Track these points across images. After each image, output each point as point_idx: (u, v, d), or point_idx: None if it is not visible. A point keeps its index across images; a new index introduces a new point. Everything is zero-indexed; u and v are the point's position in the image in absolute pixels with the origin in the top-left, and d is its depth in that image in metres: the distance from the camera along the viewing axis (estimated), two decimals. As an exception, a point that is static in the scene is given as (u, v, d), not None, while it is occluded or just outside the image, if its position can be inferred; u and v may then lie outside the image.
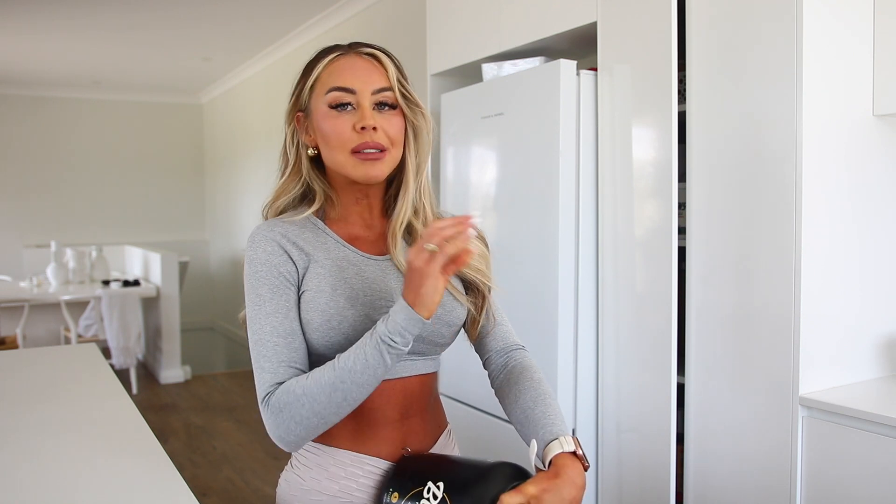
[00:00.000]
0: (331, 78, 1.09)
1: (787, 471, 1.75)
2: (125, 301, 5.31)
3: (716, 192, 1.91)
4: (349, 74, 1.08)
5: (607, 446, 2.23)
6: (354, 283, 1.09)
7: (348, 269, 1.10)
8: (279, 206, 1.16)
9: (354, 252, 1.13)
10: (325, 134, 1.09)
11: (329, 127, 1.08)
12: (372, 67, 1.10)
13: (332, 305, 1.06)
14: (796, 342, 1.72)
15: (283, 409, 1.00)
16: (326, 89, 1.09)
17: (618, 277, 2.17)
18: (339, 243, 1.13)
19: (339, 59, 1.10)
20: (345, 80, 1.08)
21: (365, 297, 1.08)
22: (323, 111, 1.09)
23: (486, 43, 2.67)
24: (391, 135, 1.09)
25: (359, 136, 1.07)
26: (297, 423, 0.99)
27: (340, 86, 1.08)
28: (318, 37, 5.33)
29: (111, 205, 8.03)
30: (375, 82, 1.09)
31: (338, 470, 1.09)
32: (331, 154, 1.10)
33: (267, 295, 1.06)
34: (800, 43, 1.69)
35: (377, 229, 1.18)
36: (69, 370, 2.24)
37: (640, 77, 2.07)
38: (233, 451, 4.07)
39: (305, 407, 0.99)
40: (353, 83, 1.08)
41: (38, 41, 5.68)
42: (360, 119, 1.07)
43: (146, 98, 8.18)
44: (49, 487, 1.31)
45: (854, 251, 1.83)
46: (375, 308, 1.08)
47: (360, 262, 1.12)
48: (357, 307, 1.07)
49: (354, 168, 1.08)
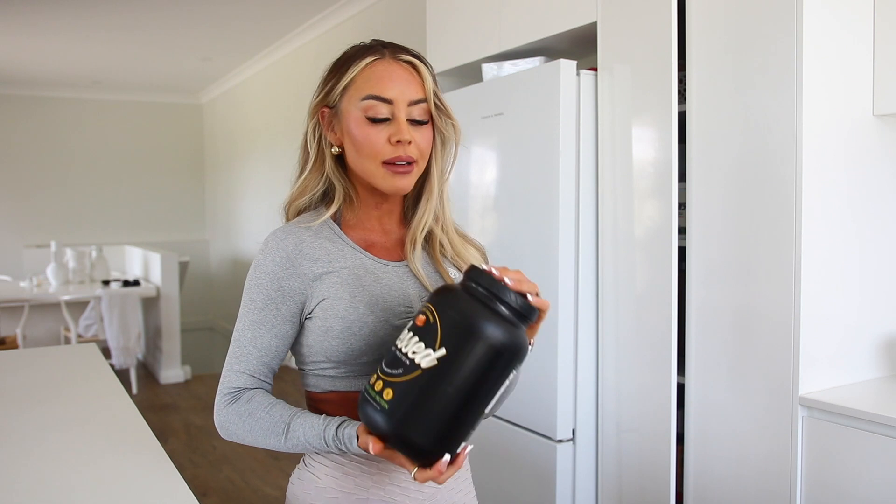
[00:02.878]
0: (367, 84, 1.07)
1: (787, 471, 1.75)
2: (125, 301, 5.31)
3: (716, 192, 1.91)
4: (388, 83, 1.06)
5: (607, 446, 2.23)
6: (373, 290, 1.09)
7: (366, 277, 1.10)
8: (300, 205, 1.16)
9: (371, 259, 1.13)
10: (356, 141, 1.08)
11: (363, 135, 1.07)
12: (410, 76, 1.08)
13: (352, 312, 1.06)
14: (796, 342, 1.72)
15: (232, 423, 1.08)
16: (362, 95, 1.07)
17: (618, 277, 2.17)
18: (355, 250, 1.13)
19: (378, 65, 1.08)
20: (383, 90, 1.06)
21: (385, 303, 1.09)
22: (356, 116, 1.07)
23: (486, 43, 2.67)
24: (422, 147, 1.09)
25: (392, 148, 1.06)
26: (239, 439, 1.09)
27: (378, 95, 1.06)
28: (318, 37, 5.33)
29: (111, 205, 8.03)
30: (413, 93, 1.07)
31: (353, 467, 1.09)
32: (360, 161, 1.09)
33: (259, 304, 1.08)
34: (800, 43, 1.69)
35: (394, 235, 1.17)
36: (69, 370, 2.24)
37: (640, 77, 2.07)
38: (233, 451, 4.07)
39: (248, 439, 1.08)
40: (391, 93, 1.06)
41: (38, 41, 5.68)
42: (397, 132, 1.06)
43: (146, 98, 8.18)
44: (49, 487, 1.31)
45: (854, 251, 1.83)
46: (395, 314, 1.09)
47: (378, 269, 1.12)
48: (377, 313, 1.07)
49: (383, 179, 1.08)
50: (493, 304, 0.90)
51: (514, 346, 0.89)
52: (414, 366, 0.89)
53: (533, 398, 2.29)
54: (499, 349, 0.88)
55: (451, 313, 0.89)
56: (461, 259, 1.19)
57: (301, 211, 1.17)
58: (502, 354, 0.88)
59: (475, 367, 0.87)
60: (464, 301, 0.90)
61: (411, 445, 0.90)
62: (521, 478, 2.37)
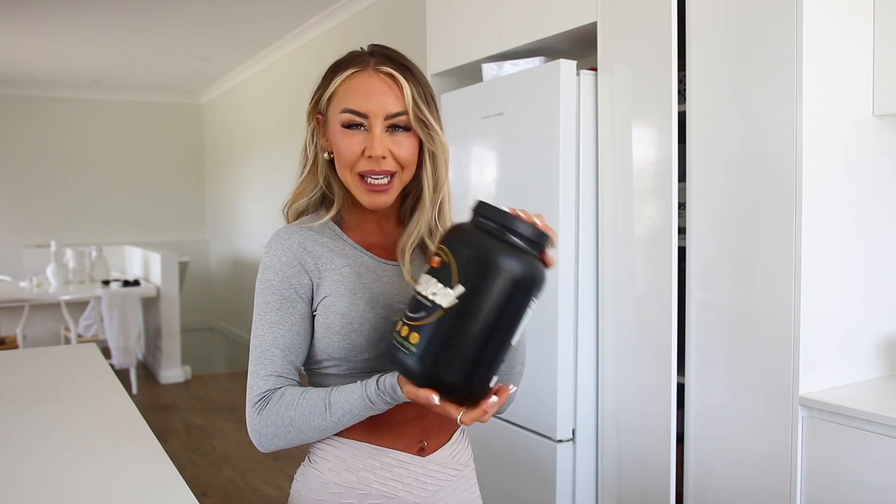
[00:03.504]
0: (347, 96, 1.07)
1: (787, 471, 1.75)
2: (125, 301, 5.31)
3: (716, 192, 1.91)
4: (363, 97, 1.06)
5: (607, 446, 2.23)
6: (373, 288, 1.10)
7: (367, 275, 1.11)
8: (299, 208, 1.17)
9: (371, 258, 1.14)
10: (336, 150, 1.10)
11: (341, 144, 1.08)
12: (388, 89, 1.07)
13: (353, 308, 1.07)
14: (796, 342, 1.72)
15: (269, 426, 1.06)
16: (341, 107, 1.08)
17: (618, 277, 2.17)
18: (356, 249, 1.14)
19: (357, 77, 1.08)
20: (358, 103, 1.06)
21: (385, 299, 1.10)
22: (336, 128, 1.09)
23: (486, 43, 2.67)
24: (402, 158, 1.08)
25: (366, 161, 1.06)
26: (280, 440, 1.07)
27: (354, 109, 1.06)
28: (318, 37, 5.33)
29: (111, 205, 8.03)
30: (390, 106, 1.06)
31: (356, 462, 1.10)
32: (341, 171, 1.11)
33: (275, 304, 1.08)
34: (800, 43, 1.69)
35: (393, 236, 1.18)
36: (69, 370, 2.24)
37: (640, 77, 2.07)
38: (233, 451, 4.07)
39: (292, 433, 1.06)
40: (366, 107, 1.06)
41: (38, 41, 5.68)
42: (370, 147, 1.06)
43: (146, 98, 8.18)
44: (49, 487, 1.31)
45: (854, 251, 1.83)
46: (395, 310, 1.10)
47: (378, 268, 1.13)
48: (377, 309, 1.09)
49: (360, 193, 1.09)
50: (505, 236, 0.90)
51: (530, 275, 0.90)
52: (435, 307, 0.89)
53: (533, 398, 2.29)
54: (517, 279, 0.89)
55: (465, 250, 0.90)
56: None
57: (300, 214, 1.18)
58: (520, 284, 0.89)
59: (495, 299, 0.88)
60: (475, 236, 0.91)
61: (444, 385, 0.91)
62: (521, 478, 2.37)
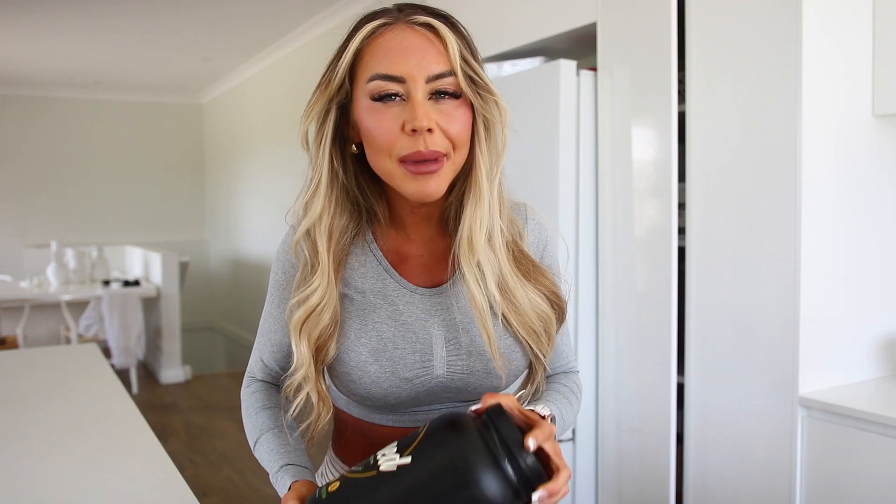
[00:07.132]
0: (374, 59, 0.83)
1: (786, 471, 1.75)
2: (125, 301, 5.31)
3: (716, 192, 1.91)
4: (397, 57, 0.82)
5: (607, 446, 2.23)
6: (383, 332, 0.90)
7: (381, 309, 0.91)
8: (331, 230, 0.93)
9: (396, 282, 0.93)
10: (367, 134, 0.85)
11: (372, 124, 0.84)
12: (427, 44, 0.83)
13: (353, 357, 0.90)
14: (796, 342, 1.72)
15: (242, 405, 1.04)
16: (368, 75, 0.84)
17: (618, 277, 2.17)
18: (381, 267, 0.93)
19: (385, 33, 0.84)
20: (391, 66, 0.82)
21: (394, 349, 0.90)
22: (364, 104, 0.85)
23: (486, 43, 2.67)
24: (453, 134, 0.83)
25: (409, 140, 0.82)
26: None
27: (384, 73, 0.82)
28: (318, 37, 5.33)
29: (111, 205, 8.03)
30: (431, 65, 0.82)
31: None
32: (375, 159, 0.86)
33: (276, 298, 1.00)
34: (800, 43, 1.69)
35: (436, 246, 0.95)
36: (69, 370, 2.24)
37: (640, 77, 2.07)
38: (233, 451, 4.07)
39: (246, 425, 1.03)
40: (401, 68, 0.82)
41: (38, 41, 5.68)
42: (412, 118, 0.81)
43: (146, 98, 8.18)
44: (49, 487, 1.31)
45: (854, 251, 1.83)
46: (405, 364, 0.90)
47: (399, 298, 0.92)
48: (382, 362, 0.89)
49: (403, 182, 0.84)
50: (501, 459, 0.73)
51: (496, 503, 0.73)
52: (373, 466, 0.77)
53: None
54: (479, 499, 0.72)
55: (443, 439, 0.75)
56: (518, 309, 0.90)
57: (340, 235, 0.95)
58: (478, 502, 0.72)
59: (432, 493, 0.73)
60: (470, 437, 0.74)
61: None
62: (521, 478, 2.37)
